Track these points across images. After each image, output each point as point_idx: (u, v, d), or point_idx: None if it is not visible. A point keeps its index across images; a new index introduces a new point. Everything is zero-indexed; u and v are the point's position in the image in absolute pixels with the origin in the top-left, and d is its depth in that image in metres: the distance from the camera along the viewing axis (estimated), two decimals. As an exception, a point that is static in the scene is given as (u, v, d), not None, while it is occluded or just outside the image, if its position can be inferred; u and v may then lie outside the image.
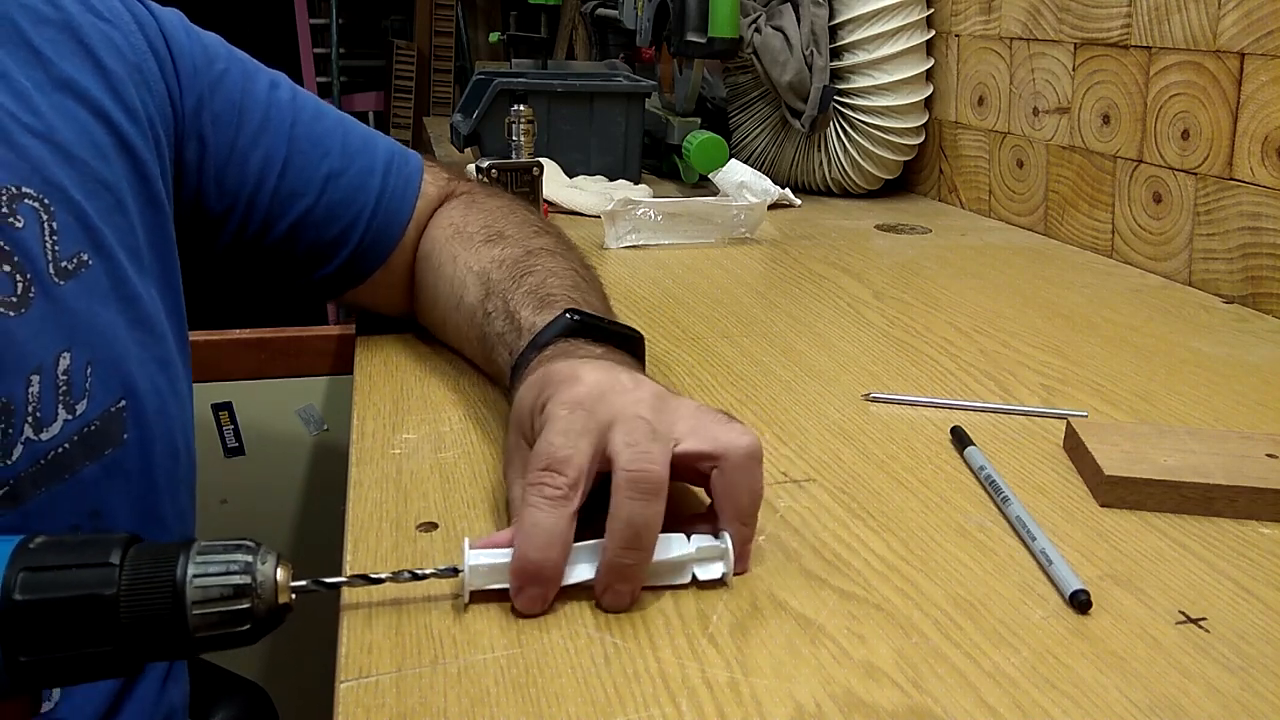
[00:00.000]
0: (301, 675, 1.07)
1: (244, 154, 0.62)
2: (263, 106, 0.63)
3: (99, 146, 0.52)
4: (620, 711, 0.36)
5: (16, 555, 0.35)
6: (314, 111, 0.67)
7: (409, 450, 0.55)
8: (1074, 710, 0.36)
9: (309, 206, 0.65)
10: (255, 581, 0.36)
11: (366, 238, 0.67)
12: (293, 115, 0.65)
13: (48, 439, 0.47)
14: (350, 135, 0.68)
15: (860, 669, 0.38)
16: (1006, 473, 0.54)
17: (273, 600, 0.36)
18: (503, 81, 1.24)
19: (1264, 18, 0.81)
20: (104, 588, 0.34)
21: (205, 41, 0.62)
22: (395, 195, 0.68)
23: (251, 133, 0.62)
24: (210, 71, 0.61)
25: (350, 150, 0.67)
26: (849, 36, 1.22)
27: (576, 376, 0.45)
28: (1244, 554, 0.47)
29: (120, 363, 0.51)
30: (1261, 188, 0.83)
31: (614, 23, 1.57)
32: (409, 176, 0.69)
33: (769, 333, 0.76)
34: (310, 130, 0.65)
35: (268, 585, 0.36)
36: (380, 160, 0.68)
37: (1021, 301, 0.86)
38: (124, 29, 0.56)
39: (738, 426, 0.44)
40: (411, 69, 3.57)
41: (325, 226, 0.66)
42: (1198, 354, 0.73)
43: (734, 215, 1.04)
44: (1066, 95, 1.05)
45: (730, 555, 0.43)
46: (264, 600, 0.36)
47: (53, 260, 0.48)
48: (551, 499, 0.40)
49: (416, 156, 0.72)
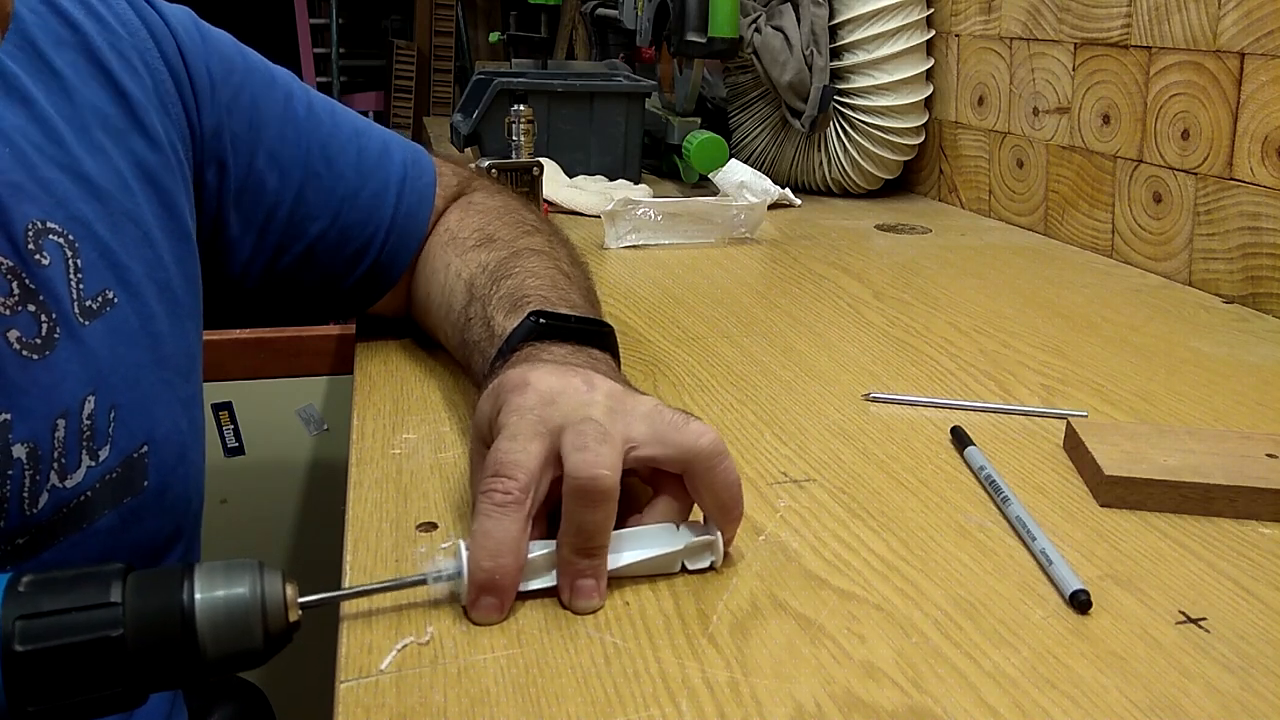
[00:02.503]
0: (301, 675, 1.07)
1: (260, 177, 0.60)
2: (278, 125, 0.61)
3: (123, 178, 0.50)
4: (620, 711, 0.35)
5: (8, 600, 0.33)
6: (330, 126, 0.64)
7: (409, 450, 0.55)
8: (1074, 710, 0.36)
9: (323, 230, 0.63)
10: (264, 600, 0.35)
11: (382, 258, 0.66)
12: (309, 134, 0.63)
13: (72, 486, 0.45)
14: (365, 151, 0.66)
15: (860, 669, 0.38)
16: (1006, 473, 0.54)
17: (282, 617, 0.36)
18: (503, 81, 1.24)
19: (1264, 18, 0.81)
20: (110, 629, 0.33)
21: (220, 49, 0.59)
22: (410, 214, 0.67)
23: (267, 155, 0.60)
24: (226, 88, 0.58)
25: (365, 167, 0.65)
26: (849, 36, 1.22)
27: (527, 382, 0.44)
28: (1244, 554, 0.47)
29: (144, 406, 0.49)
30: (1261, 188, 0.83)
31: (614, 23, 1.57)
32: (423, 192, 0.68)
33: (769, 333, 0.76)
34: (326, 149, 0.63)
35: (276, 603, 0.36)
36: (395, 175, 0.67)
37: (1021, 301, 0.86)
38: (140, 46, 0.53)
39: (695, 426, 0.43)
40: (411, 69, 3.57)
41: (340, 249, 0.65)
42: (1198, 354, 0.73)
43: (734, 215, 1.04)
44: (1066, 95, 1.05)
45: (719, 545, 0.43)
46: (274, 618, 0.35)
47: (77, 299, 0.46)
48: (501, 505, 0.40)
49: (430, 166, 0.70)
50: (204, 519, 0.58)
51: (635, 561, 0.42)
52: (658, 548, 0.43)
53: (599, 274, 0.91)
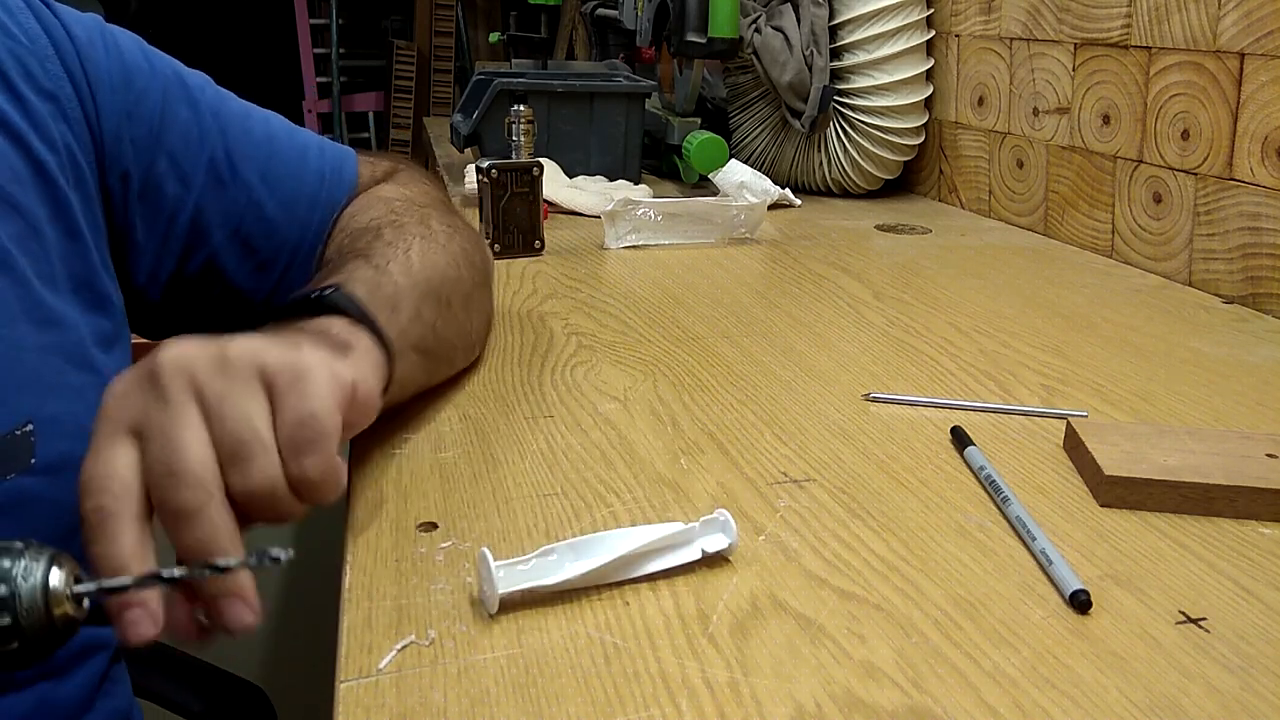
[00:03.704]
0: (301, 675, 1.06)
1: (160, 182, 0.59)
2: (180, 131, 0.60)
3: (15, 171, 0.51)
4: (620, 711, 0.36)
5: None
6: (238, 132, 0.63)
7: (409, 450, 0.55)
8: (1074, 710, 0.36)
9: (225, 240, 0.62)
10: (15, 591, 0.31)
11: (292, 270, 0.65)
12: (213, 141, 0.61)
13: None
14: (275, 159, 0.64)
15: (860, 669, 0.38)
16: (1006, 473, 0.54)
17: (42, 613, 0.32)
18: (503, 81, 1.24)
19: (1264, 18, 0.81)
20: None
21: (124, 55, 0.58)
22: (323, 230, 0.65)
23: (168, 159, 0.59)
24: (129, 93, 0.58)
25: (272, 177, 0.64)
26: (849, 36, 1.22)
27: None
28: (1244, 554, 0.47)
29: (27, 386, 0.49)
30: (1261, 188, 0.83)
31: (614, 23, 1.57)
32: (335, 203, 0.66)
33: (769, 333, 0.76)
34: (230, 156, 0.62)
35: (32, 596, 0.31)
36: (309, 185, 0.65)
37: (1021, 301, 0.86)
38: (40, 54, 0.54)
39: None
40: (411, 69, 3.57)
41: (244, 259, 0.63)
42: (1198, 354, 0.73)
43: (734, 215, 1.04)
44: (1066, 95, 1.05)
45: (732, 525, 0.44)
46: (30, 613, 0.31)
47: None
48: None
49: (352, 169, 0.68)
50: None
51: (650, 543, 0.43)
52: (669, 539, 0.44)
53: (599, 274, 0.91)
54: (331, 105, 3.55)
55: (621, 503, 0.50)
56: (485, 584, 0.41)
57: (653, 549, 0.43)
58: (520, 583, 0.41)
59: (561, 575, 0.42)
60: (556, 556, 0.43)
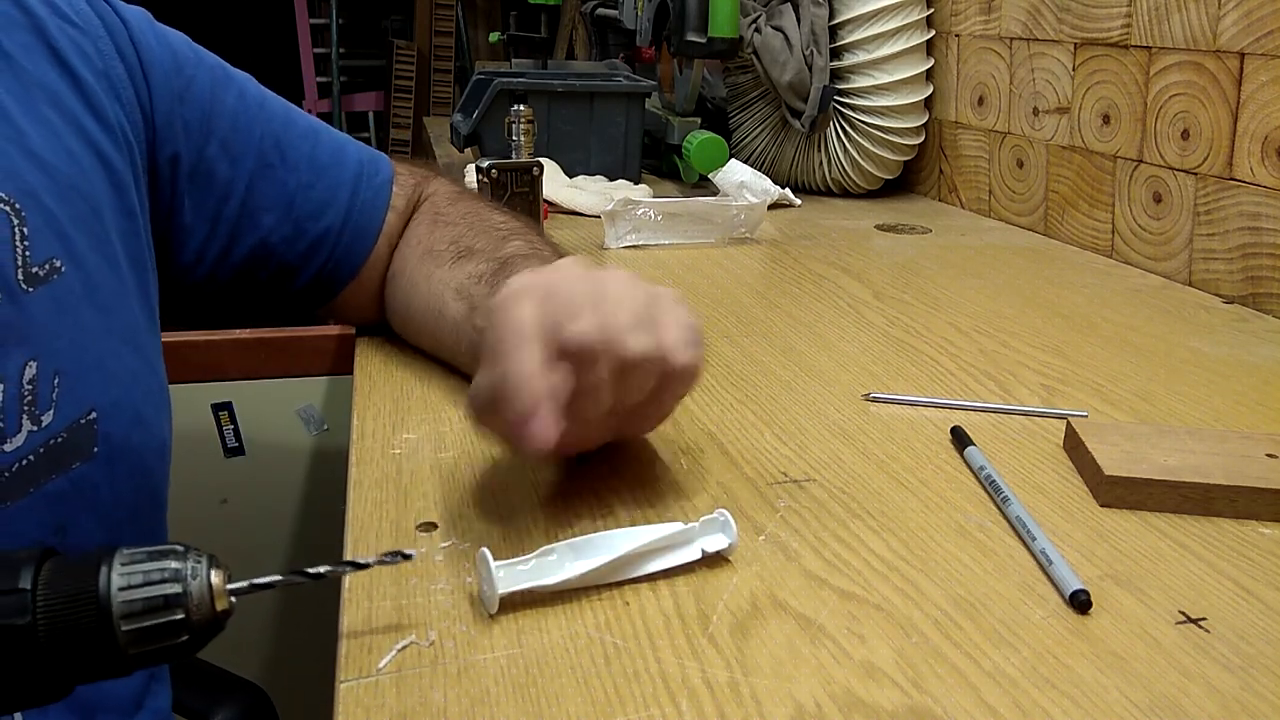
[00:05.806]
0: (301, 675, 1.06)
1: (212, 165, 0.61)
2: (231, 116, 0.62)
3: (73, 154, 0.51)
4: (620, 711, 0.36)
5: None
6: (283, 122, 0.65)
7: (409, 450, 0.55)
8: (1074, 710, 0.36)
9: (276, 222, 0.64)
10: (187, 590, 0.34)
11: (336, 253, 0.67)
12: (262, 126, 0.64)
13: (12, 451, 0.46)
14: (319, 147, 0.67)
15: (860, 669, 0.38)
16: (1006, 473, 0.54)
17: (208, 608, 0.34)
18: (503, 81, 1.24)
19: (1264, 18, 0.81)
20: (17, 617, 0.32)
21: (173, 45, 0.60)
22: (365, 210, 0.67)
23: (220, 143, 0.61)
24: (179, 78, 0.59)
25: (319, 163, 0.66)
26: (849, 36, 1.22)
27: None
28: (1244, 554, 0.47)
29: (90, 374, 0.49)
30: (1261, 188, 0.83)
31: (614, 23, 1.57)
32: (379, 189, 0.68)
33: (769, 333, 0.76)
34: (279, 142, 0.64)
35: (201, 592, 0.34)
36: (349, 172, 0.67)
37: (1021, 301, 0.86)
38: (93, 34, 0.55)
39: None
40: (411, 69, 3.57)
41: (293, 243, 0.65)
42: (1198, 354, 0.73)
43: (734, 215, 1.04)
44: (1066, 95, 1.05)
45: (732, 525, 0.44)
46: (199, 609, 0.34)
47: (23, 265, 0.47)
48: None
49: (387, 165, 0.71)
50: (204, 519, 0.58)
51: (650, 543, 0.43)
52: (669, 539, 0.44)
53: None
54: (331, 105, 3.55)
55: (621, 503, 0.50)
56: (485, 584, 0.41)
57: (653, 549, 0.43)
58: (520, 583, 0.41)
59: (561, 575, 0.42)
60: (556, 556, 0.43)
